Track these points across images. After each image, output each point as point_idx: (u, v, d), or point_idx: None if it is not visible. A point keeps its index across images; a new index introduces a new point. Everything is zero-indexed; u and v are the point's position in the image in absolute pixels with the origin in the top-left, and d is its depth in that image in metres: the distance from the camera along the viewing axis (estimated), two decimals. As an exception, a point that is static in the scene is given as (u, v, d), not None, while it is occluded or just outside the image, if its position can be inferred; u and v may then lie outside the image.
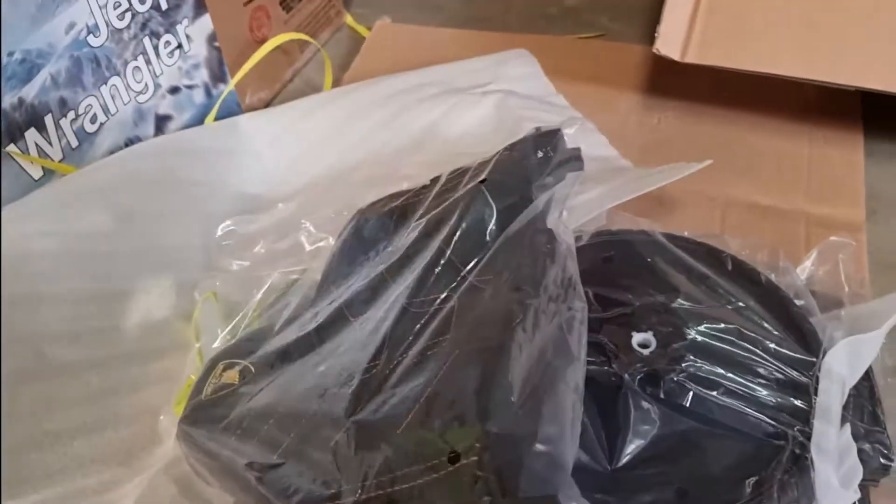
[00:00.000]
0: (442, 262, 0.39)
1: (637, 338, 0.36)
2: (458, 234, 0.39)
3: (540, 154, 0.43)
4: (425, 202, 0.44)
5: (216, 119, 0.62)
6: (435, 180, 0.46)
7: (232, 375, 0.41)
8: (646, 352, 0.36)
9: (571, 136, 0.45)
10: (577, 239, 0.42)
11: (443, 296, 0.37)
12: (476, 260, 0.38)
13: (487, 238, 0.39)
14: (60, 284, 0.45)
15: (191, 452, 0.39)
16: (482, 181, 0.41)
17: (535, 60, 0.66)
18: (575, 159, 0.43)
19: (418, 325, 0.37)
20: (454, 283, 0.38)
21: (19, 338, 0.43)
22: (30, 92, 0.48)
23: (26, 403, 0.42)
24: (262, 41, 0.66)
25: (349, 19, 0.79)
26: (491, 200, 0.40)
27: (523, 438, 0.27)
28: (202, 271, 0.51)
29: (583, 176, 0.42)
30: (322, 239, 0.50)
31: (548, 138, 0.44)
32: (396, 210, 0.45)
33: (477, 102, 0.62)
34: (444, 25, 0.76)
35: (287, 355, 0.41)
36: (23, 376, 0.43)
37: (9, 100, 0.47)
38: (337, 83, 0.69)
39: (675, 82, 0.62)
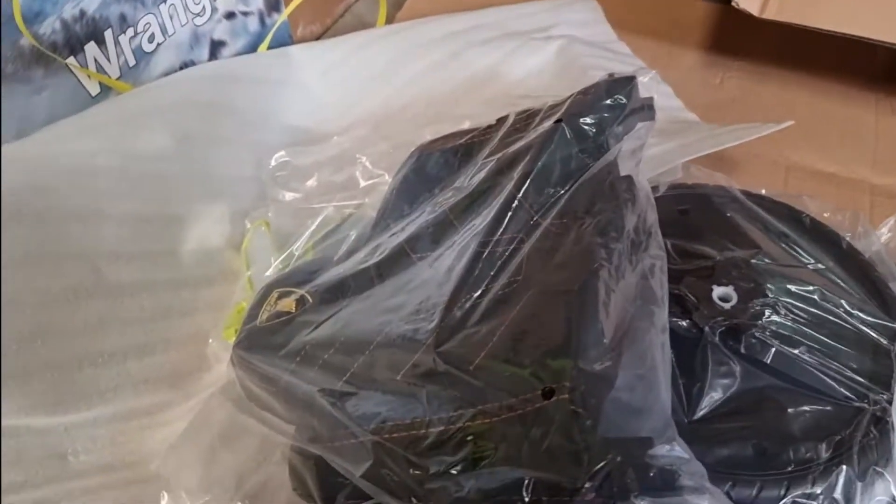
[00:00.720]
0: (514, 203, 0.38)
1: (717, 291, 0.36)
2: (532, 173, 0.38)
3: (612, 101, 0.42)
4: (492, 141, 0.43)
5: (268, 48, 0.60)
6: (501, 120, 0.44)
7: (288, 304, 0.41)
8: (726, 306, 0.35)
9: (643, 86, 0.44)
10: (654, 190, 0.41)
11: (518, 236, 0.37)
12: (551, 201, 0.37)
13: (562, 180, 0.38)
14: (120, 203, 0.45)
15: (246, 376, 0.38)
16: (558, 121, 0.40)
17: (598, 6, 0.65)
18: (647, 108, 0.42)
19: (494, 266, 0.36)
20: (528, 225, 0.37)
21: (78, 253, 0.42)
22: (91, 4, 0.47)
23: (81, 320, 0.42)
24: (318, -28, 0.64)
25: (401, -44, 0.76)
26: (570, 140, 0.39)
27: (616, 377, 0.27)
28: (253, 201, 0.51)
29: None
30: (378, 175, 0.50)
31: (622, 85, 0.42)
32: (461, 148, 0.44)
33: (540, 48, 0.61)
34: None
35: (345, 288, 0.41)
36: (79, 293, 0.42)
37: (70, 11, 0.45)
38: (390, 20, 0.67)
39: (740, 41, 0.61)
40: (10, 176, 0.40)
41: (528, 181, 0.38)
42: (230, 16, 0.58)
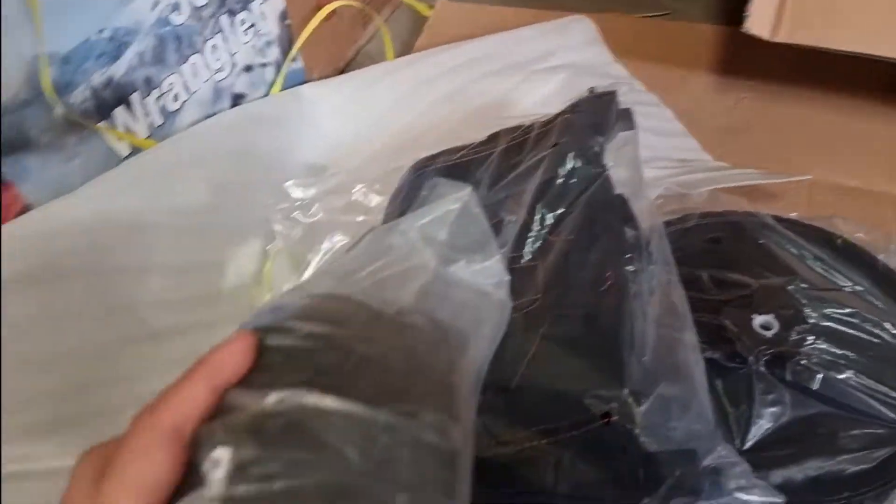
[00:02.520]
0: (521, 222, 0.39)
1: (758, 320, 0.36)
2: (543, 194, 0.39)
3: (598, 116, 0.42)
4: (486, 160, 0.44)
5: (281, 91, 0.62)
6: (493, 138, 0.45)
7: None
8: (768, 334, 0.36)
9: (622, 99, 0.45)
10: (685, 219, 0.42)
11: (525, 256, 0.37)
12: (560, 219, 0.38)
13: (568, 197, 0.38)
14: (163, 256, 0.46)
15: None
16: (555, 144, 0.41)
17: (593, 27, 0.66)
18: (626, 119, 0.42)
19: (519, 285, 0.36)
20: (541, 243, 0.37)
21: (127, 305, 0.44)
22: (118, 70, 0.48)
23: (127, 367, 0.43)
24: (329, 19, 0.65)
25: (407, -4, 0.78)
26: (573, 158, 0.39)
27: (660, 394, 0.29)
28: (272, 236, 0.52)
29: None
30: (378, 195, 0.51)
31: (605, 101, 0.43)
32: (457, 166, 0.45)
33: (543, 80, 0.62)
34: (506, 4, 0.75)
35: None
36: (127, 341, 0.44)
37: (99, 78, 0.47)
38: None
39: (751, 62, 0.62)
40: (71, 236, 0.43)
41: (538, 202, 0.38)
42: (248, 69, 0.59)
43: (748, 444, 0.34)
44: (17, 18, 0.40)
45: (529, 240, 0.37)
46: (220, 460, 0.20)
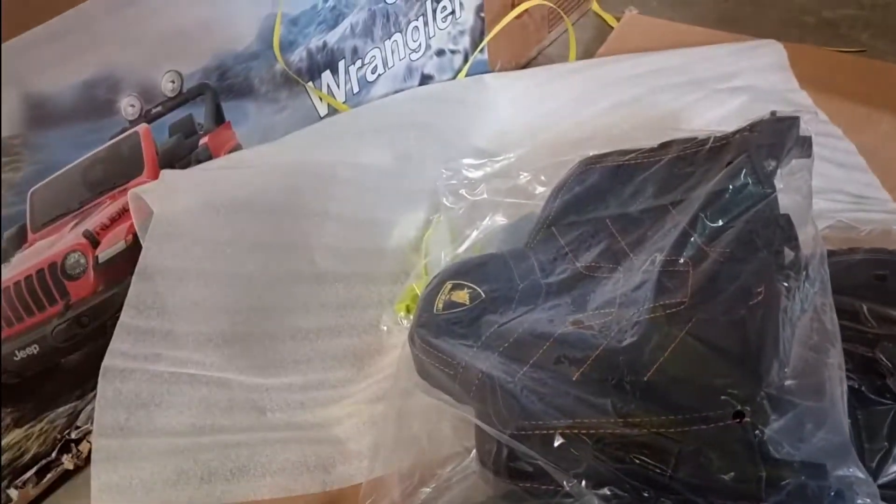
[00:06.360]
0: (685, 231, 0.40)
1: (914, 359, 0.36)
2: (708, 205, 0.40)
3: (776, 138, 0.43)
4: (655, 165, 0.45)
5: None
6: (665, 146, 0.46)
7: (461, 295, 0.44)
8: (923, 375, 0.35)
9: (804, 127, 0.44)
10: (852, 252, 0.41)
11: (680, 260, 0.38)
12: (720, 232, 0.39)
13: (733, 212, 0.39)
14: (344, 207, 0.51)
15: (425, 358, 0.41)
16: (729, 163, 0.41)
17: (782, 49, 0.65)
18: (806, 146, 0.42)
19: (664, 288, 0.38)
20: (696, 252, 0.39)
21: (303, 244, 0.49)
22: (333, 37, 0.53)
23: (293, 300, 0.48)
24: (520, 17, 0.69)
25: (595, 5, 0.80)
26: (746, 175, 0.40)
27: (797, 405, 0.30)
28: (436, 207, 0.56)
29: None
30: (542, 185, 0.53)
31: (786, 125, 0.43)
32: (624, 167, 0.47)
33: (722, 101, 0.62)
34: (693, 22, 0.75)
35: (514, 291, 0.44)
36: (296, 277, 0.49)
37: (315, 42, 0.52)
38: (580, 64, 0.70)
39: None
40: (272, 177, 0.48)
41: (702, 212, 0.39)
42: (440, 53, 0.63)
43: (882, 481, 0.33)
44: (262, -21, 0.46)
45: (688, 247, 0.39)
46: None
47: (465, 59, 0.66)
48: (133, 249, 0.44)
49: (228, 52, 0.46)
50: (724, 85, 0.62)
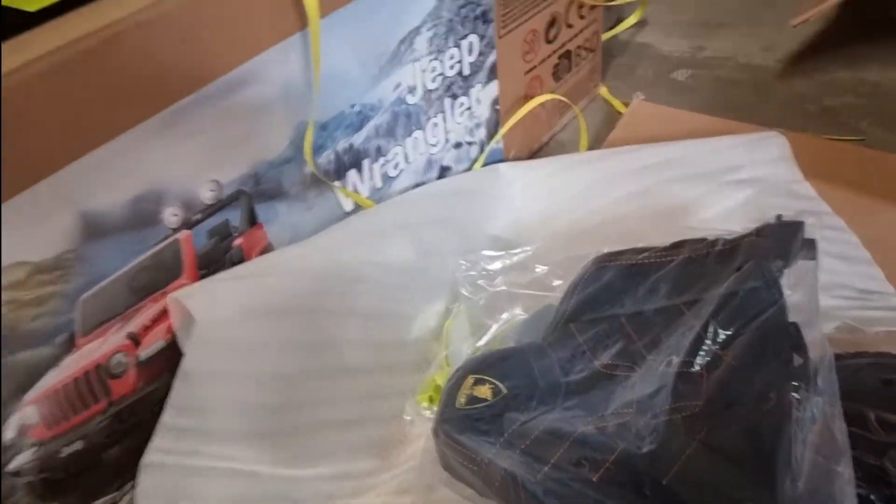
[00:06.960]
0: (699, 336, 0.42)
1: (920, 468, 0.37)
2: (721, 309, 0.42)
3: (783, 243, 0.45)
4: (668, 265, 0.47)
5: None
6: (677, 245, 0.49)
7: (483, 391, 0.46)
8: (928, 484, 0.37)
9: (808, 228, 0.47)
10: (858, 356, 0.43)
11: (695, 365, 0.40)
12: (733, 337, 0.41)
13: (745, 317, 0.41)
14: (368, 304, 0.54)
15: (449, 452, 0.43)
16: (738, 268, 0.44)
17: (786, 142, 0.68)
18: (809, 248, 0.45)
19: (679, 392, 0.40)
20: (706, 358, 0.41)
21: (332, 342, 0.52)
22: (358, 139, 0.56)
23: (323, 395, 0.51)
24: (533, 108, 0.72)
25: (604, 91, 0.84)
26: (756, 279, 0.42)
27: None
28: (455, 297, 0.58)
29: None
30: (559, 279, 0.55)
31: (791, 229, 0.46)
32: (637, 266, 0.49)
33: (729, 195, 0.64)
34: (697, 108, 0.79)
35: (537, 391, 0.46)
36: (325, 373, 0.51)
37: (342, 144, 0.55)
38: (590, 150, 0.73)
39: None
40: (302, 282, 0.51)
41: (714, 317, 0.42)
42: (458, 145, 0.66)
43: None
44: (300, 89, 0.50)
45: (702, 352, 0.41)
46: None
47: (481, 149, 0.69)
48: (172, 347, 0.46)
49: (263, 159, 0.49)
50: (730, 177, 0.65)
